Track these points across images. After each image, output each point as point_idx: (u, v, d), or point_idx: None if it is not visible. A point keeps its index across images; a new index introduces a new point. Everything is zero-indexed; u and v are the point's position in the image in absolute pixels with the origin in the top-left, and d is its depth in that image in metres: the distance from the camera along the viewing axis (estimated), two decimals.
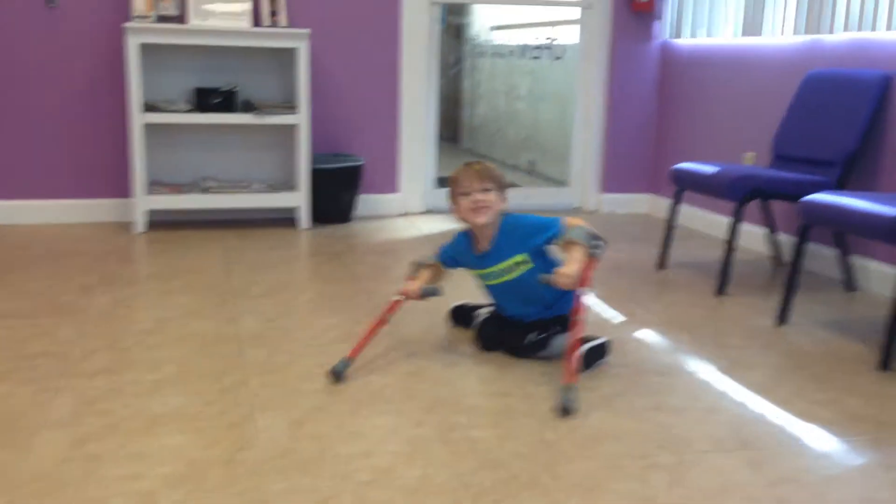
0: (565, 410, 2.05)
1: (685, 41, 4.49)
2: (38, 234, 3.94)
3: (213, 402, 2.08)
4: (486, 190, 2.34)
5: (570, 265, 2.24)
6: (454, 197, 2.39)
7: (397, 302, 2.45)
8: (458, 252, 2.49)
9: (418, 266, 2.52)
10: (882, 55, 3.22)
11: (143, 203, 3.96)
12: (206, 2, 3.98)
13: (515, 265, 2.38)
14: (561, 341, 2.38)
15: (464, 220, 2.39)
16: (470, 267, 2.49)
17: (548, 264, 2.35)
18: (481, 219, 2.34)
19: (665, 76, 4.72)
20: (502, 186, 2.39)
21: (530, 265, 2.37)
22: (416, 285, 2.46)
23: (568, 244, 2.30)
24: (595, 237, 2.31)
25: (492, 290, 2.50)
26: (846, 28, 3.32)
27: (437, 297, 2.47)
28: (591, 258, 2.29)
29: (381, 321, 2.42)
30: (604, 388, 2.24)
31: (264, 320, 2.75)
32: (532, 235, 2.36)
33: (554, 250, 2.39)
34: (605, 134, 4.82)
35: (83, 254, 3.57)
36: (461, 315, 2.71)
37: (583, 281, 2.26)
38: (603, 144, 4.84)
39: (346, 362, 2.27)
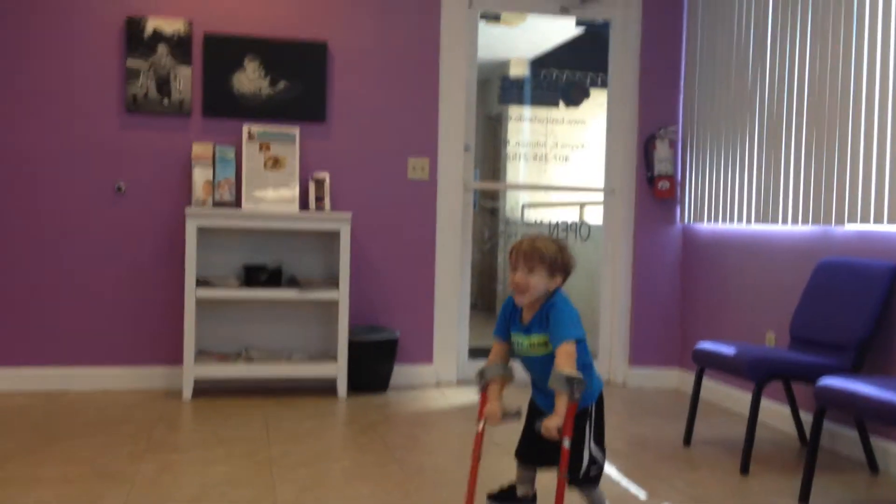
0: None
1: (705, 225, 4.75)
2: (91, 399, 4.15)
3: None
4: (531, 271, 2.37)
5: (551, 419, 2.28)
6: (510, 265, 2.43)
7: (481, 434, 2.44)
8: (506, 315, 2.50)
9: (485, 377, 2.47)
10: (889, 246, 3.42)
11: (192, 372, 4.18)
12: (258, 189, 4.36)
13: (541, 343, 2.41)
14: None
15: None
16: (513, 331, 2.50)
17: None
18: (519, 299, 2.40)
19: (687, 257, 4.96)
20: (554, 267, 2.38)
21: (550, 350, 2.39)
22: (495, 407, 2.41)
23: (556, 392, 2.32)
24: (571, 381, 2.28)
25: (523, 361, 2.53)
26: (854, 220, 3.54)
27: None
28: (572, 403, 2.29)
29: (476, 462, 2.42)
30: None
31: (300, 489, 2.88)
32: (554, 329, 2.38)
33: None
34: (632, 310, 5.01)
35: (133, 421, 3.76)
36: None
37: (566, 430, 2.29)
38: (630, 320, 5.03)
39: None
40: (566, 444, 2.29)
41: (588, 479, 2.46)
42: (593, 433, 2.49)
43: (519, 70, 5.70)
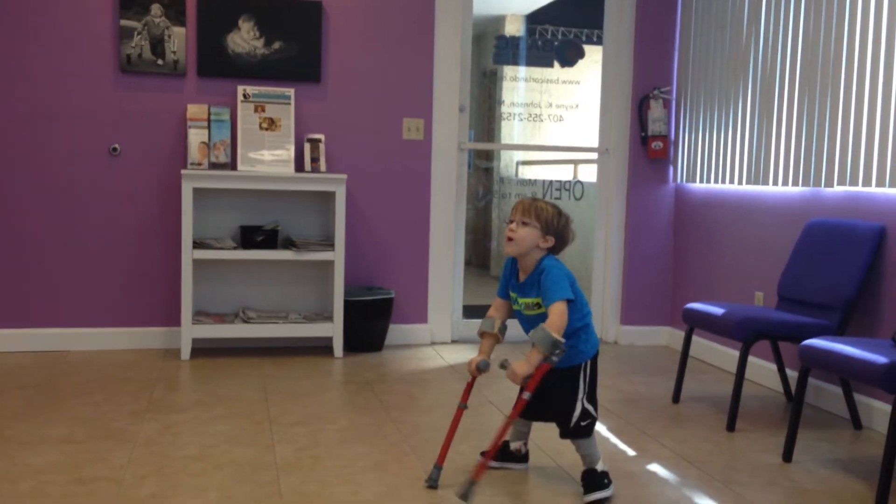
0: (462, 497, 2.44)
1: (698, 185, 4.79)
2: (92, 360, 4.22)
3: None
4: (524, 223, 2.52)
5: (521, 365, 2.41)
6: None
7: (470, 382, 2.68)
8: (506, 274, 2.66)
9: (479, 329, 2.68)
10: (876, 208, 3.47)
11: (190, 332, 4.25)
12: (254, 150, 4.38)
13: (534, 304, 2.56)
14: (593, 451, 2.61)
15: None
16: (511, 290, 2.66)
17: None
18: (507, 247, 2.55)
19: (680, 216, 5.01)
20: (547, 227, 2.53)
21: (543, 310, 2.53)
22: (473, 362, 2.61)
23: (533, 346, 2.44)
24: (555, 345, 2.40)
25: (518, 317, 2.67)
26: (843, 182, 3.59)
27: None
28: (546, 363, 2.43)
29: (460, 408, 2.66)
30: None
31: (299, 448, 2.96)
32: (545, 292, 2.51)
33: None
34: (624, 268, 5.08)
35: (133, 380, 3.83)
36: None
37: (529, 385, 2.45)
38: (622, 278, 5.09)
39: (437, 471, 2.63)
40: (526, 396, 2.45)
41: (578, 430, 2.56)
42: (587, 388, 2.58)
43: (514, 27, 5.68)
